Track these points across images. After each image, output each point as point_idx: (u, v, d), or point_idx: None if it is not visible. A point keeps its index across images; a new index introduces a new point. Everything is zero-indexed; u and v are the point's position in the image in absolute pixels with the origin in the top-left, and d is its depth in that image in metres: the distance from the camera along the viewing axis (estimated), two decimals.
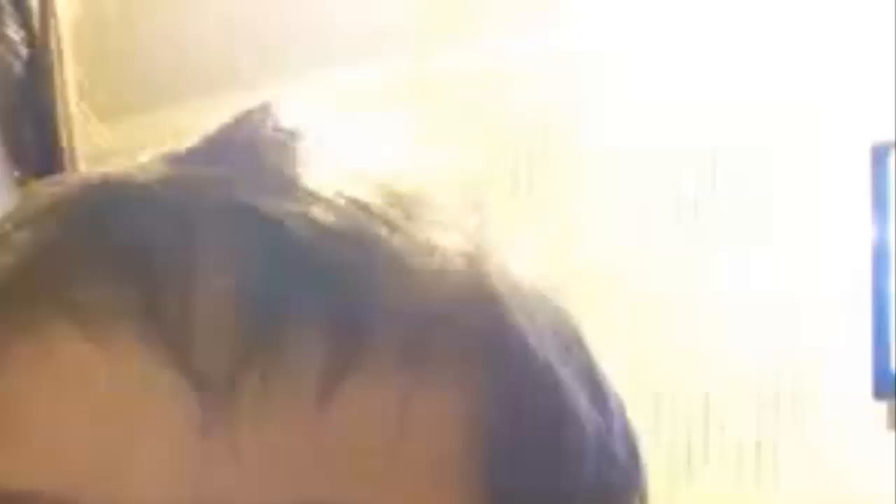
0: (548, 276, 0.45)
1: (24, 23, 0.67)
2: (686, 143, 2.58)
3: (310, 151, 0.44)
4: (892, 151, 2.38)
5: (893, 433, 2.34)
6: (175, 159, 0.44)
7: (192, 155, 0.44)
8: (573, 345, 0.45)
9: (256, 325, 0.40)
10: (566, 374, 0.43)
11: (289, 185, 0.42)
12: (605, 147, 2.66)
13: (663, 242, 2.57)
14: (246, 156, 0.43)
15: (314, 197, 0.42)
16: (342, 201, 0.42)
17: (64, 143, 0.70)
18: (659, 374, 2.42)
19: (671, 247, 2.56)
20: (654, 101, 2.63)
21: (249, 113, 0.45)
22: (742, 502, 2.41)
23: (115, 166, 0.44)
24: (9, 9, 0.67)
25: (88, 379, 0.41)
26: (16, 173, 0.66)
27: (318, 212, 0.41)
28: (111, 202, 0.42)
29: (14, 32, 0.67)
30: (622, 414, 0.46)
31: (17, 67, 0.67)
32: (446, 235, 0.43)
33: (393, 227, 0.42)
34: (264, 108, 0.45)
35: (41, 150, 0.68)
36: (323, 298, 0.40)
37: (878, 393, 2.31)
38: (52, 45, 0.68)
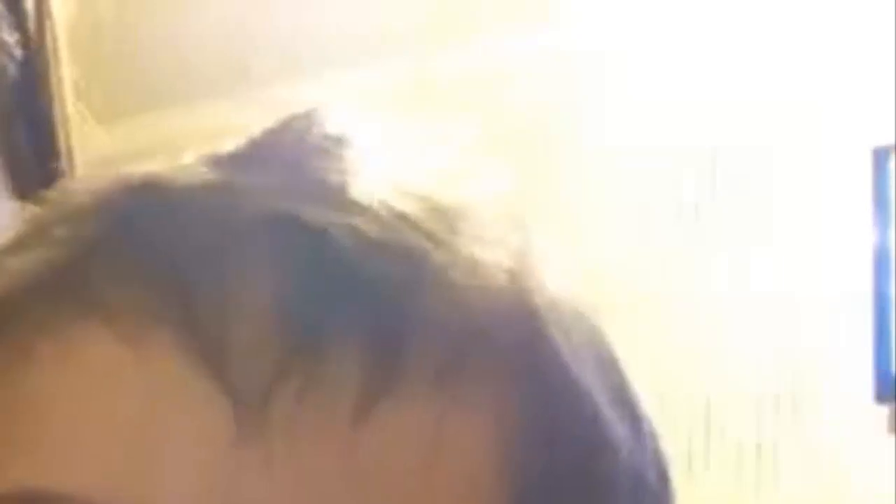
0: (586, 293, 0.45)
1: (19, 25, 0.66)
2: (686, 143, 2.58)
3: (356, 159, 0.42)
4: (893, 154, 2.38)
5: (894, 437, 2.34)
6: (217, 162, 0.43)
7: (235, 158, 0.43)
8: (609, 366, 0.44)
9: (294, 338, 0.39)
10: (603, 399, 0.42)
11: (333, 195, 0.41)
12: (605, 147, 2.65)
13: (663, 243, 2.57)
14: (290, 162, 0.42)
15: (358, 208, 0.41)
16: (386, 213, 0.41)
17: (61, 146, 0.69)
18: (659, 375, 2.42)
19: (671, 248, 2.56)
20: (655, 102, 2.63)
21: (294, 117, 0.44)
22: (742, 499, 2.41)
23: (152, 164, 0.43)
24: (3, 11, 0.66)
25: (119, 381, 0.40)
26: (12, 181, 0.65)
27: (361, 224, 0.40)
28: (152, 205, 0.41)
29: (8, 35, 0.66)
30: (654, 436, 0.45)
31: (12, 70, 0.66)
32: (489, 251, 0.42)
33: (437, 241, 0.41)
34: (309, 114, 0.44)
35: (38, 154, 0.68)
36: (363, 314, 0.39)
37: (880, 396, 2.31)
38: (48, 46, 0.68)
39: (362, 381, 0.39)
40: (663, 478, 0.45)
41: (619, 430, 0.43)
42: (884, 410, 2.34)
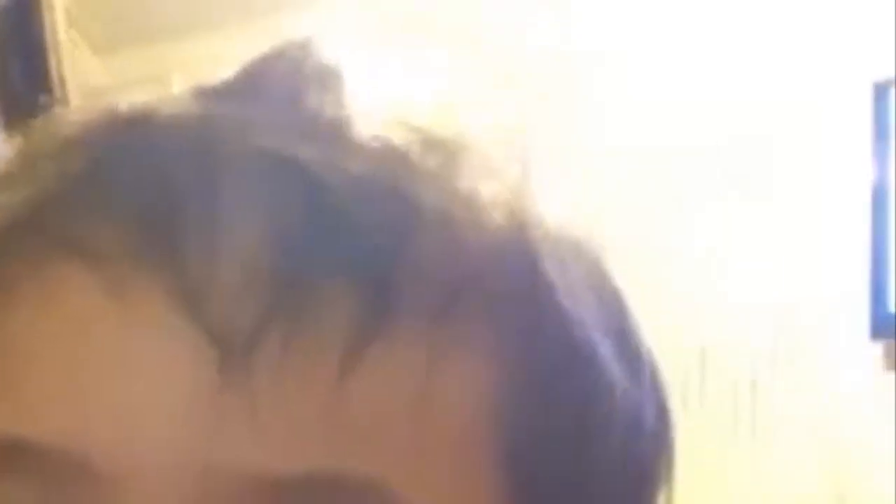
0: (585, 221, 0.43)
1: None
2: (689, 89, 2.57)
3: (351, 92, 0.41)
4: (893, 89, 2.36)
5: (892, 373, 2.34)
6: (208, 94, 0.41)
7: (227, 90, 0.41)
8: (609, 300, 0.43)
9: (282, 282, 0.38)
10: (600, 338, 0.41)
11: (327, 131, 0.40)
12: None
13: (661, 188, 2.56)
14: (284, 95, 0.41)
15: (353, 145, 0.39)
16: (381, 150, 0.40)
17: (54, 76, 0.68)
18: (657, 316, 2.42)
19: (669, 193, 2.56)
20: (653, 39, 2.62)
21: (288, 47, 0.42)
22: (738, 444, 2.42)
23: (144, 95, 0.41)
24: None
25: (101, 326, 0.38)
26: (4, 111, 0.64)
27: (355, 163, 0.39)
28: (138, 139, 0.40)
29: None
30: (653, 370, 0.44)
31: None
32: (486, 185, 0.41)
33: (431, 176, 0.40)
34: (304, 44, 0.42)
35: (31, 83, 0.67)
36: (353, 257, 0.38)
37: (876, 334, 2.30)
38: None
39: (352, 326, 0.38)
40: (662, 412, 0.44)
41: (615, 369, 0.42)
42: (879, 348, 2.34)
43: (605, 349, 0.42)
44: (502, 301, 0.40)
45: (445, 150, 0.41)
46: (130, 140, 0.40)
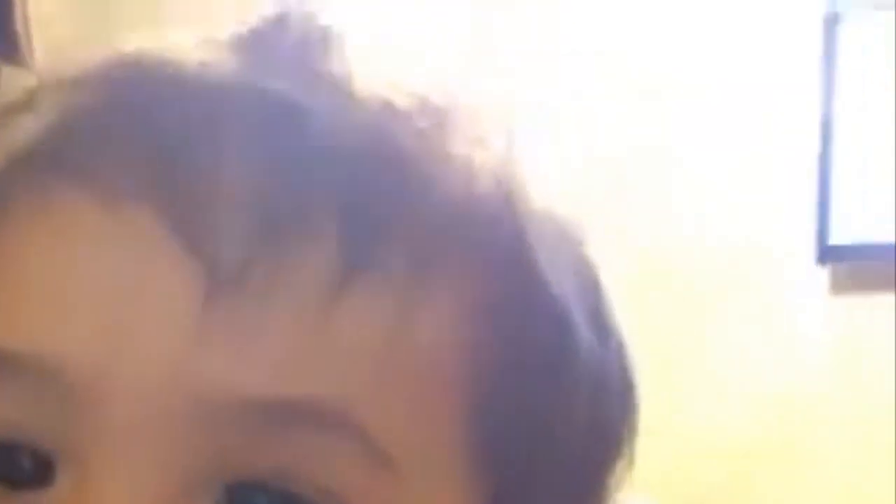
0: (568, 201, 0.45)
1: None
2: (638, 24, 2.58)
3: (355, 54, 0.43)
4: (842, 20, 2.38)
5: (838, 297, 2.38)
6: (214, 44, 0.42)
7: (234, 42, 0.43)
8: (585, 280, 0.44)
9: (272, 216, 0.39)
10: (574, 306, 0.43)
11: (328, 83, 0.41)
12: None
13: (612, 107, 2.58)
14: (288, 50, 0.42)
15: (352, 98, 0.41)
16: (378, 105, 0.41)
17: (17, 13, 0.69)
18: (619, 231, 2.43)
19: (625, 123, 2.57)
20: None
21: (295, 9, 0.44)
22: (689, 361, 2.45)
23: (152, 41, 0.43)
24: None
25: (94, 244, 0.39)
26: None
27: (353, 113, 0.40)
28: (144, 78, 0.41)
29: None
30: (623, 351, 0.45)
31: None
32: (475, 150, 0.42)
33: (425, 136, 0.41)
34: (311, 6, 0.44)
35: None
36: (343, 197, 0.39)
37: (822, 258, 2.35)
38: None
39: (334, 264, 0.39)
40: (627, 384, 0.46)
41: (585, 335, 0.43)
42: (825, 272, 2.38)
43: (578, 316, 0.43)
44: (484, 255, 0.41)
45: (439, 115, 0.42)
46: (136, 78, 0.41)
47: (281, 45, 0.42)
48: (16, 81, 0.44)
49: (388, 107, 0.41)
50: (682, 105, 2.53)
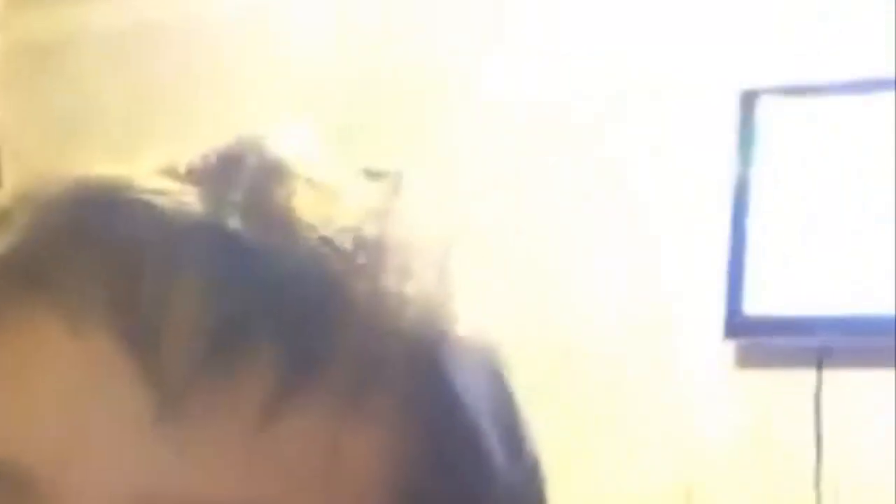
0: (488, 327, 0.48)
1: None
2: (562, 89, 2.61)
3: (300, 188, 0.47)
4: (760, 97, 2.42)
5: (743, 371, 2.40)
6: (173, 174, 0.47)
7: (190, 172, 0.47)
8: (503, 404, 0.48)
9: (218, 337, 0.43)
10: (489, 432, 0.47)
11: (273, 216, 0.46)
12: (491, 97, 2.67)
13: (535, 181, 2.60)
14: (240, 182, 0.46)
15: (294, 230, 0.45)
16: (318, 238, 0.45)
17: None
18: (522, 308, 2.45)
19: (541, 189, 2.59)
20: (542, 52, 2.65)
21: (247, 140, 0.48)
22: (597, 437, 2.46)
23: (115, 169, 0.47)
24: None
25: (56, 360, 0.44)
26: None
27: (294, 245, 0.45)
28: (107, 204, 0.46)
29: None
30: (536, 469, 0.50)
31: None
32: (405, 283, 0.46)
33: (359, 269, 0.45)
34: (260, 139, 0.48)
35: None
36: (282, 324, 0.44)
37: (729, 332, 2.37)
38: None
39: (272, 385, 0.43)
40: (540, 501, 0.50)
41: (501, 461, 0.47)
42: (731, 346, 2.40)
43: (493, 439, 0.47)
44: (406, 386, 0.45)
45: (374, 249, 0.46)
46: (99, 203, 0.46)
47: (234, 178, 0.47)
48: None
49: (326, 242, 0.45)
50: (592, 173, 2.55)
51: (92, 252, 0.45)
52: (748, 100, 2.43)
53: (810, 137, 2.37)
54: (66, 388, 0.44)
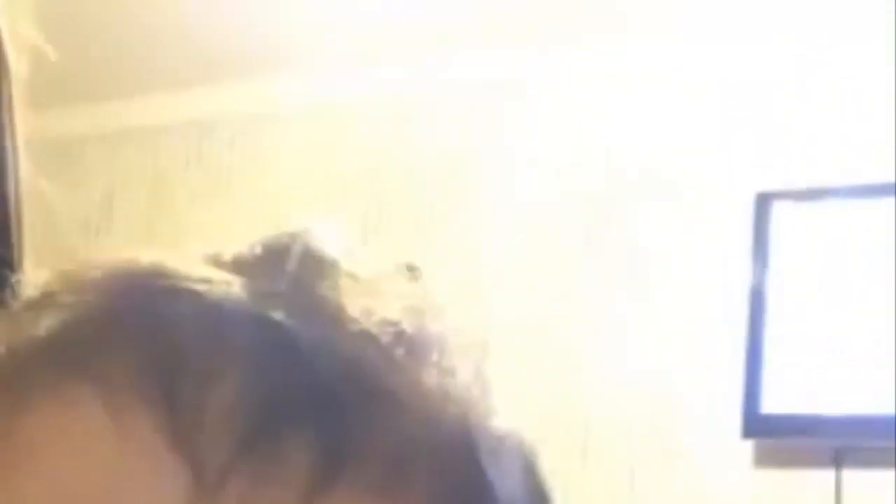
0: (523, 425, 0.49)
1: None
2: (580, 187, 2.63)
3: (344, 282, 0.48)
4: (775, 200, 2.45)
5: (761, 471, 2.40)
6: (219, 263, 0.48)
7: (236, 262, 0.48)
8: (538, 498, 0.49)
9: (257, 426, 0.44)
10: None
11: (317, 309, 0.46)
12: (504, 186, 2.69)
13: (553, 278, 2.61)
14: (284, 274, 0.47)
15: (336, 323, 0.46)
16: (358, 332, 0.46)
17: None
18: (543, 399, 2.45)
19: (560, 283, 2.60)
20: (547, 145, 2.68)
21: (297, 232, 0.49)
22: None
23: (163, 255, 0.48)
24: None
25: (99, 444, 0.44)
26: None
27: (335, 339, 0.46)
28: (153, 289, 0.46)
29: None
30: None
31: None
32: (442, 380, 0.47)
33: (397, 365, 0.46)
34: (307, 232, 0.49)
35: None
36: (319, 417, 0.44)
37: (747, 432, 2.37)
38: None
39: (309, 475, 0.44)
40: None
41: None
42: (749, 446, 2.40)
43: None
44: (440, 481, 0.45)
45: (414, 344, 0.47)
46: (146, 288, 0.46)
47: (279, 269, 0.47)
48: (35, 280, 0.49)
49: (367, 335, 0.46)
50: (611, 275, 2.56)
51: (134, 337, 0.45)
52: (763, 203, 2.45)
53: (825, 239, 2.39)
54: (103, 472, 0.44)
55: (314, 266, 0.48)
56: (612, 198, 2.59)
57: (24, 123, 0.71)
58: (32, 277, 0.50)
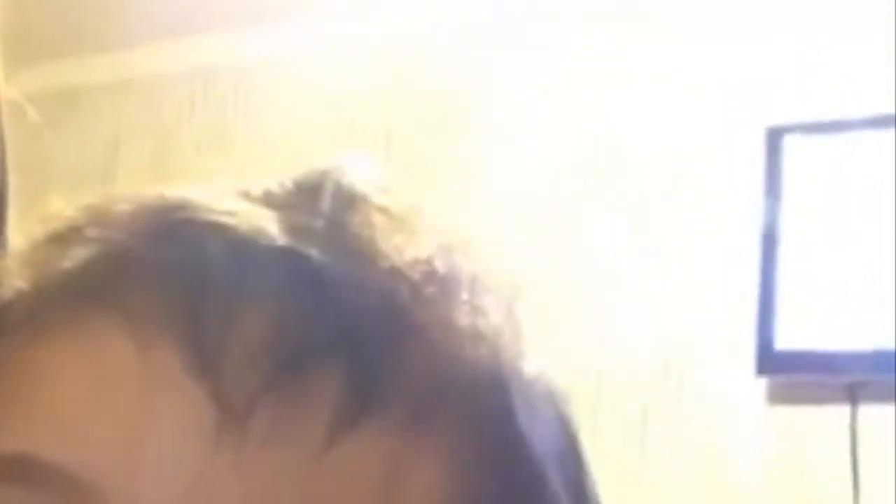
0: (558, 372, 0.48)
1: None
2: (584, 125, 2.62)
3: (377, 219, 0.47)
4: (786, 135, 2.43)
5: (776, 408, 2.40)
6: (251, 197, 0.47)
7: (268, 196, 0.47)
8: (570, 448, 0.48)
9: (282, 364, 0.43)
10: (554, 476, 0.46)
11: (349, 243, 0.46)
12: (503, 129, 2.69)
13: (557, 224, 2.61)
14: (318, 208, 0.47)
15: (367, 259, 0.45)
16: (389, 268, 0.45)
17: None
18: (553, 344, 2.45)
19: (565, 228, 2.60)
20: (550, 83, 2.67)
21: (329, 168, 0.48)
22: (627, 473, 2.46)
23: (193, 189, 0.47)
24: None
25: (122, 375, 0.44)
26: None
27: (365, 273, 0.45)
28: (181, 223, 0.46)
29: None
30: None
31: None
32: (474, 319, 0.46)
33: (427, 301, 0.45)
34: (339, 168, 0.48)
35: None
36: (346, 355, 0.44)
37: (761, 370, 2.36)
38: None
39: (333, 415, 0.43)
40: None
41: (563, 501, 0.47)
42: (763, 383, 2.40)
43: (557, 483, 0.47)
44: (470, 421, 0.45)
45: (443, 282, 0.46)
46: (174, 222, 0.46)
47: (311, 205, 0.47)
48: (53, 214, 0.49)
49: (398, 273, 0.45)
50: (630, 212, 2.56)
51: (162, 272, 0.45)
52: (774, 137, 2.44)
53: (839, 172, 2.38)
54: (127, 405, 0.44)
55: (347, 202, 0.47)
56: (620, 141, 2.58)
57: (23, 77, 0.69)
58: (47, 213, 0.49)
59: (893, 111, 2.35)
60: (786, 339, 2.33)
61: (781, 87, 2.47)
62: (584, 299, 2.54)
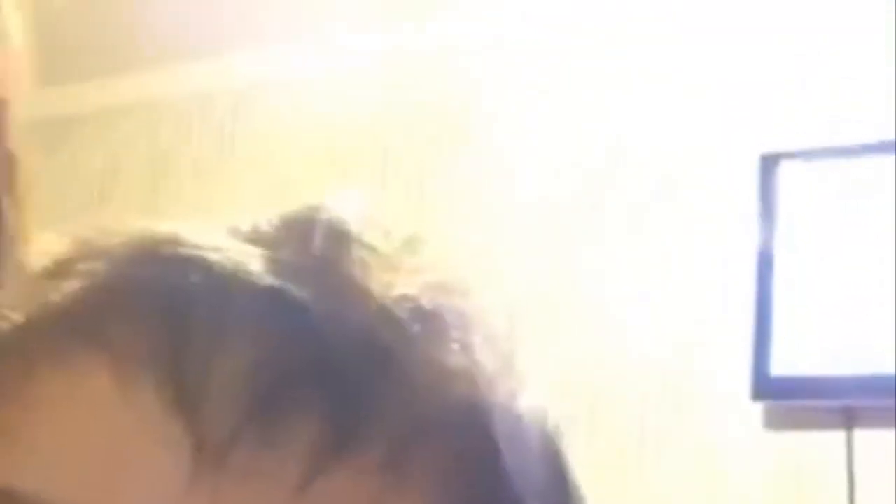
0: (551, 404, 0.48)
1: None
2: (579, 151, 2.63)
3: (363, 256, 0.47)
4: (781, 161, 2.44)
5: (771, 433, 2.40)
6: (237, 234, 0.47)
7: (255, 233, 0.47)
8: (555, 487, 0.48)
9: (261, 401, 0.43)
10: None
11: (331, 280, 0.46)
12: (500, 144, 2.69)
13: (553, 244, 2.61)
14: (301, 245, 0.47)
15: (353, 298, 0.45)
16: (374, 307, 0.45)
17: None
18: (550, 367, 2.45)
19: (561, 249, 2.61)
20: (550, 98, 2.67)
21: (316, 205, 0.48)
22: (624, 496, 2.45)
23: (181, 225, 0.47)
24: None
25: (104, 412, 0.44)
26: None
27: (347, 311, 0.45)
28: (168, 260, 0.46)
29: None
30: None
31: None
32: (461, 357, 0.46)
33: (412, 339, 0.45)
34: (326, 206, 0.48)
35: None
36: (325, 393, 0.43)
37: (757, 394, 2.37)
38: None
39: (311, 453, 0.43)
40: None
41: None
42: (759, 408, 2.40)
43: None
44: (450, 464, 0.44)
45: (430, 320, 0.46)
46: (161, 259, 0.46)
47: (300, 242, 0.46)
48: (49, 249, 0.49)
49: (384, 311, 0.45)
50: (627, 236, 2.56)
51: (145, 307, 0.45)
52: (769, 164, 2.44)
53: (835, 197, 2.38)
54: (106, 442, 0.44)
55: (335, 240, 0.47)
56: (616, 167, 2.59)
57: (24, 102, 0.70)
58: (43, 248, 0.49)
59: (893, 137, 2.36)
60: (782, 365, 2.34)
61: (777, 113, 2.48)
62: (578, 323, 2.54)
